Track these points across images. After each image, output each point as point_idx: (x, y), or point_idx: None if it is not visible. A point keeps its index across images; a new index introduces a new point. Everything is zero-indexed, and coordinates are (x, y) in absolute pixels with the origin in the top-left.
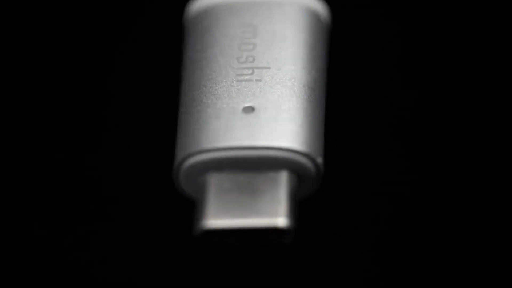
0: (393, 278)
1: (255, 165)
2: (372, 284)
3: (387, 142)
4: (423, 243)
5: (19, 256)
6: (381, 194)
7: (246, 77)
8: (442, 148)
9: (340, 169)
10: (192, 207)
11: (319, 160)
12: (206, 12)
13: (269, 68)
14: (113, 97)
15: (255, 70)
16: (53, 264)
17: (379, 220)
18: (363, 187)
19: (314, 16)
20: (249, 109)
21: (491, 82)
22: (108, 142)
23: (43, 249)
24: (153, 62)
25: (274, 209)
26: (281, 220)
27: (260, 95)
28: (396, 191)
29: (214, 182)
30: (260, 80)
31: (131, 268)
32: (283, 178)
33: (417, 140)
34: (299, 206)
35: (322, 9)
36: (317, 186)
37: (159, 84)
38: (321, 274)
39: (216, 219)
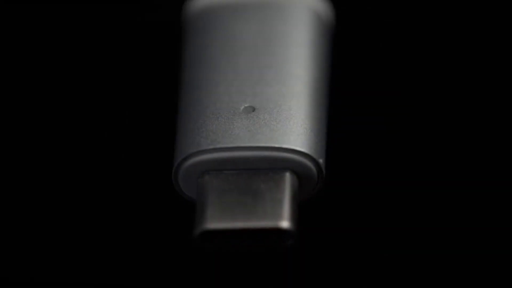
0: (393, 278)
1: (255, 166)
2: (372, 285)
3: (388, 143)
4: (423, 243)
5: (19, 256)
6: (382, 195)
7: (246, 77)
8: (443, 148)
9: (342, 170)
10: (191, 209)
11: (321, 161)
12: (206, 12)
13: (270, 67)
14: (112, 97)
15: (255, 69)
16: (52, 264)
17: (380, 221)
18: (364, 188)
19: (316, 15)
20: (250, 109)
21: (492, 83)
22: (107, 142)
23: (43, 249)
24: (152, 62)
25: (275, 211)
26: (282, 222)
27: (261, 95)
28: (397, 192)
29: (214, 183)
30: (260, 80)
31: (130, 270)
32: (284, 179)
33: (418, 140)
34: (301, 208)
35: (324, 9)
36: (319, 188)
37: (158, 84)
38: (322, 276)
39: (216, 221)
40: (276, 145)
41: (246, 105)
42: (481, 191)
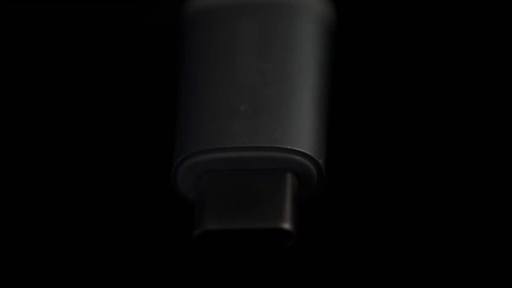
0: (393, 278)
1: (255, 166)
2: (373, 285)
3: (388, 143)
4: (423, 243)
5: (19, 256)
6: (382, 195)
7: (246, 77)
8: (443, 148)
9: (342, 171)
10: (191, 209)
11: (321, 161)
12: (205, 12)
13: (270, 67)
14: (112, 97)
15: (255, 69)
16: (52, 264)
17: (380, 221)
18: (364, 188)
19: (316, 15)
20: (250, 109)
21: (492, 83)
22: (107, 142)
23: (43, 249)
24: (152, 62)
25: (275, 212)
26: (282, 223)
27: (261, 95)
28: (397, 192)
29: (214, 183)
30: (260, 80)
31: (130, 270)
32: (284, 180)
33: (418, 140)
34: (301, 208)
35: (325, 9)
36: (320, 188)
37: (158, 84)
38: (322, 276)
39: (216, 221)
40: (276, 145)
41: (246, 105)
42: (481, 191)
